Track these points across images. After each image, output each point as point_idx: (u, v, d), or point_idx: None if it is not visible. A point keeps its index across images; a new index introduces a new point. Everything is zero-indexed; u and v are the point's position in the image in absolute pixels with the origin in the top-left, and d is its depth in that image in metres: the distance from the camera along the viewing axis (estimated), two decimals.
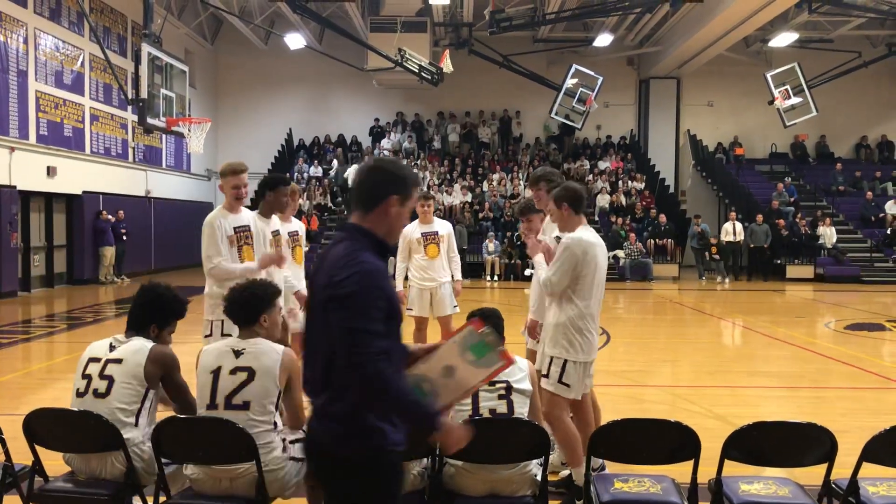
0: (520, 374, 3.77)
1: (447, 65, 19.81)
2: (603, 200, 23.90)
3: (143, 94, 10.88)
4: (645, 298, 17.51)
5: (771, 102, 22.88)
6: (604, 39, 23.57)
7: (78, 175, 18.21)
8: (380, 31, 22.63)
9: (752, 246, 21.55)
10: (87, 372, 3.67)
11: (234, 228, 5.28)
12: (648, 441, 3.57)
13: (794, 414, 6.75)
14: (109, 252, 18.90)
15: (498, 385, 3.69)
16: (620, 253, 21.15)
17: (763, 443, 3.47)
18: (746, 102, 26.68)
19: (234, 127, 27.59)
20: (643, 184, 25.04)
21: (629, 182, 25.04)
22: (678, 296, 18.09)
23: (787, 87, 22.78)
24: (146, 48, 11.00)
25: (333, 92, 27.56)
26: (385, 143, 26.89)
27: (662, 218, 22.28)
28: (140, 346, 3.69)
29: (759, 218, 21.68)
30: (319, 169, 25.95)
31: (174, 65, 12.44)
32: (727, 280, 20.61)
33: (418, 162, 25.94)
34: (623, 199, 24.03)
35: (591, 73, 22.29)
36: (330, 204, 24.51)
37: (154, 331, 3.82)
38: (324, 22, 20.66)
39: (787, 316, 14.65)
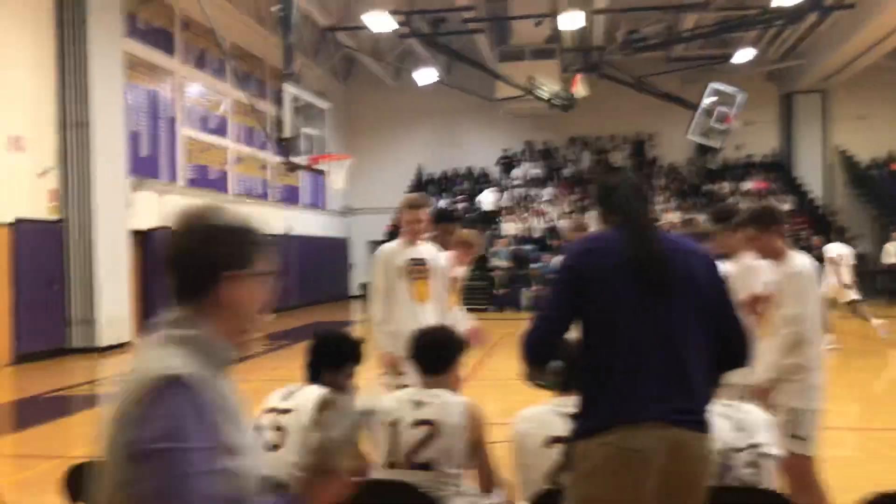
0: (768, 433, 3.01)
1: (580, 89, 19.39)
2: None
3: (287, 133, 11.03)
4: None
5: None
6: (745, 55, 22.48)
7: None
8: (508, 60, 22.56)
9: None
10: (262, 423, 3.39)
11: (409, 260, 5.12)
12: None
13: None
14: None
15: (749, 449, 2.94)
16: None
17: None
18: None
19: (367, 164, 28.00)
20: (792, 205, 23.60)
21: (777, 203, 23.65)
22: (840, 323, 16.70)
23: None
24: (288, 88, 11.19)
25: (460, 124, 27.61)
26: (515, 172, 26.64)
27: (816, 241, 20.81)
28: (311, 395, 3.31)
29: None
30: (445, 201, 25.95)
31: (315, 103, 12.62)
32: None
33: (549, 190, 25.51)
34: None
35: (731, 90, 21.25)
36: None
37: (328, 377, 3.46)
38: (454, 55, 20.71)
39: None
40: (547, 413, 3.05)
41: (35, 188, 12.94)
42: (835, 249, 12.52)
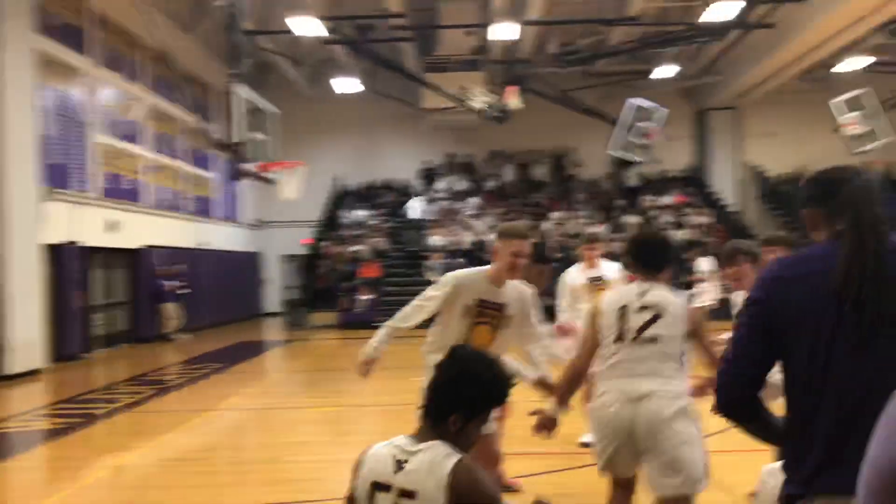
0: None
1: (513, 101, 19.08)
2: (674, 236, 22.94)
3: (237, 138, 10.08)
4: None
5: (836, 130, 21.87)
6: (667, 70, 22.81)
7: (137, 229, 17.45)
8: (434, 70, 22.02)
9: None
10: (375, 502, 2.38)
11: (480, 300, 4.22)
12: None
13: None
14: (169, 309, 18.06)
15: None
16: None
17: None
18: (811, 131, 25.66)
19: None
20: (710, 217, 24.08)
21: (694, 216, 24.09)
22: None
23: (856, 112, 21.80)
24: (240, 90, 10.24)
25: (381, 135, 26.85)
26: (438, 184, 26.14)
27: None
28: (433, 467, 2.33)
29: None
30: (365, 214, 25.19)
31: (264, 107, 11.71)
32: None
33: (473, 202, 25.14)
34: (692, 234, 23.04)
35: (651, 105, 21.46)
36: (389, 249, 23.58)
37: (456, 423, 2.42)
38: (382, 63, 19.99)
39: None
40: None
41: None
42: None
